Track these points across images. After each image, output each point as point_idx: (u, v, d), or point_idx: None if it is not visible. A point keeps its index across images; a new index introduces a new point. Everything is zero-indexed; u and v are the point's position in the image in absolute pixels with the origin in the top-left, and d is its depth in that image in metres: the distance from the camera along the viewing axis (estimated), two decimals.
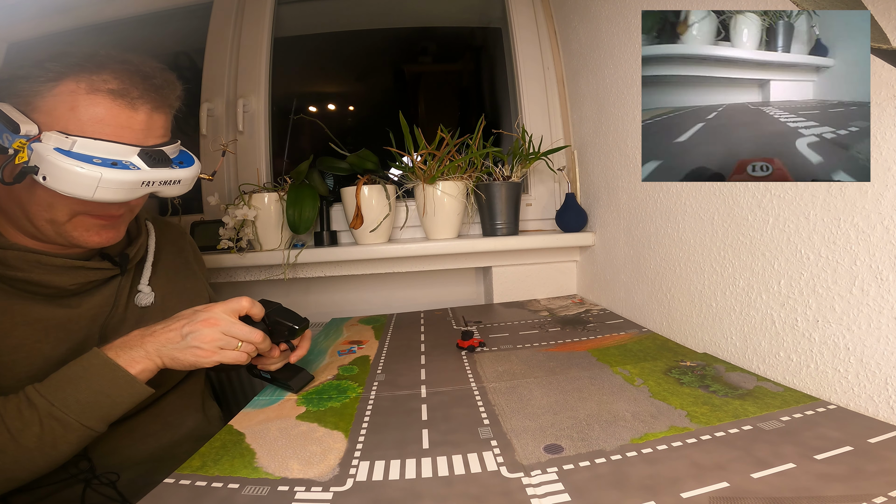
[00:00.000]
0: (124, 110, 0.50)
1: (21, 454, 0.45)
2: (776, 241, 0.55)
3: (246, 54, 1.21)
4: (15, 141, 0.45)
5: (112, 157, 0.48)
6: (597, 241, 1.05)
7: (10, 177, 0.46)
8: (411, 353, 0.76)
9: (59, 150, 0.46)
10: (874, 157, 0.43)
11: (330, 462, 0.44)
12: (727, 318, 0.64)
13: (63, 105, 0.48)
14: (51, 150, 0.45)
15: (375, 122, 1.44)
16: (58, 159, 0.45)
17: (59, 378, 0.48)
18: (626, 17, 0.83)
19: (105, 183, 0.47)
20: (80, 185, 0.46)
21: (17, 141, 0.45)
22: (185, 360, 0.52)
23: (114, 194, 0.48)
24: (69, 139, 0.46)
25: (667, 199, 0.76)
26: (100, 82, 0.49)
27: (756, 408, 0.48)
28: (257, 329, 0.56)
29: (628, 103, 0.85)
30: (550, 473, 0.39)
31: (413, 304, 1.20)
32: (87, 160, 0.46)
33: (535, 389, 0.57)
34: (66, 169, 0.45)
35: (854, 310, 0.46)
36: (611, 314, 0.92)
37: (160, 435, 0.63)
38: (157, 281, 0.67)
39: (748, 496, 0.34)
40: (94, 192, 0.47)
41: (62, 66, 0.48)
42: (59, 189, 0.46)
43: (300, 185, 1.07)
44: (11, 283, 0.53)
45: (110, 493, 0.56)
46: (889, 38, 0.31)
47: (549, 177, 1.22)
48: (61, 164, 0.45)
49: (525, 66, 1.23)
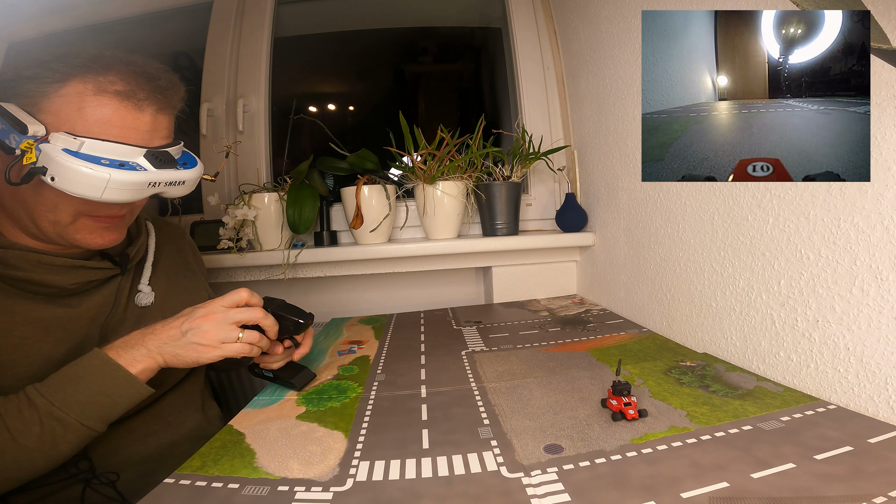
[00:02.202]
0: (131, 112, 0.50)
1: (21, 454, 0.45)
2: (776, 241, 0.55)
3: (246, 54, 1.21)
4: (23, 142, 0.45)
5: (119, 158, 0.49)
6: (597, 241, 1.05)
7: (18, 177, 0.46)
8: (411, 353, 0.76)
9: (67, 151, 0.46)
10: (874, 157, 0.43)
11: (330, 462, 0.44)
12: (727, 318, 0.64)
13: (70, 106, 0.48)
14: (59, 150, 0.45)
15: (375, 122, 1.44)
16: (66, 160, 0.45)
17: (60, 378, 0.49)
18: (626, 17, 0.83)
19: (114, 184, 0.47)
20: (88, 185, 0.46)
21: (24, 142, 0.45)
22: (186, 356, 0.52)
23: (121, 195, 0.48)
24: (77, 140, 0.47)
25: (667, 199, 0.76)
26: (107, 83, 0.49)
27: (756, 408, 0.48)
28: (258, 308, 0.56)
29: (628, 103, 0.85)
30: (550, 473, 0.39)
31: (413, 304, 1.20)
32: (95, 161, 0.47)
33: (535, 389, 0.57)
34: (75, 170, 0.45)
35: (854, 310, 0.46)
36: (611, 314, 0.92)
37: (160, 435, 0.63)
38: (157, 281, 0.67)
39: (748, 496, 0.34)
40: (102, 192, 0.47)
41: (68, 67, 0.48)
42: (67, 190, 0.46)
43: (300, 185, 1.07)
44: (12, 282, 0.53)
45: (110, 493, 0.56)
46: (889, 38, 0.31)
47: (549, 177, 1.22)
48: (70, 165, 0.45)
49: (525, 66, 1.23)
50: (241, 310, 0.55)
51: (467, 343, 0.79)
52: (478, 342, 0.79)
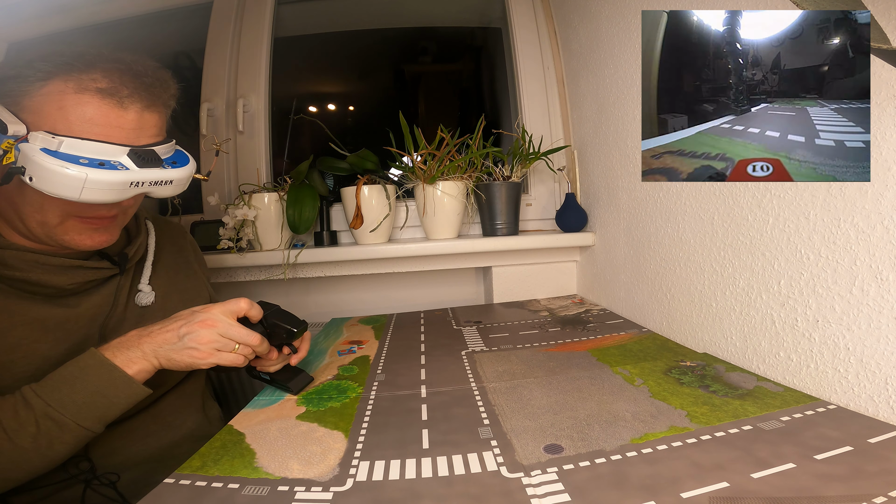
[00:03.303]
0: (113, 109, 0.49)
1: (17, 454, 0.45)
2: (776, 241, 0.55)
3: (246, 54, 1.21)
4: (3, 141, 0.44)
5: (100, 158, 0.48)
6: (597, 241, 1.05)
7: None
8: (411, 353, 0.76)
9: (45, 151, 0.45)
10: (874, 157, 0.43)
11: (330, 462, 0.44)
12: (727, 318, 0.64)
13: (51, 104, 0.47)
14: (37, 150, 0.45)
15: (375, 122, 1.44)
16: (43, 160, 0.44)
17: (56, 378, 0.48)
18: (626, 17, 0.83)
19: (91, 183, 0.46)
20: (65, 185, 0.45)
21: (4, 141, 0.44)
22: (181, 361, 0.52)
23: (101, 195, 0.47)
24: (56, 139, 0.46)
25: (667, 199, 0.76)
26: (88, 81, 0.48)
27: (756, 408, 0.48)
28: (255, 332, 0.56)
29: (628, 103, 0.85)
30: (550, 473, 0.39)
31: (413, 304, 1.20)
32: (73, 160, 0.46)
33: (535, 389, 0.57)
34: (52, 170, 0.45)
35: (854, 310, 0.46)
36: (611, 314, 0.92)
37: (160, 435, 0.63)
38: (158, 280, 0.67)
39: (748, 496, 0.34)
40: (80, 192, 0.46)
41: (51, 65, 0.48)
42: (45, 190, 0.45)
43: (300, 185, 1.07)
44: (10, 282, 0.53)
45: (110, 494, 0.56)
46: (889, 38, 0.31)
47: (549, 177, 1.22)
48: (47, 165, 0.44)
49: (525, 66, 1.23)
50: (238, 329, 0.55)
51: (467, 343, 0.79)
52: (478, 342, 0.79)
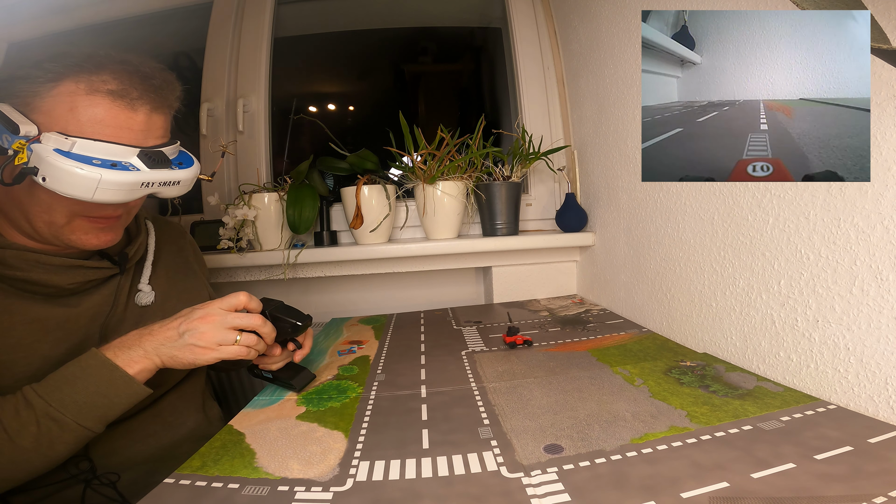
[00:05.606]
0: (123, 111, 0.50)
1: (18, 454, 0.45)
2: (776, 241, 0.55)
3: (246, 54, 1.21)
4: (14, 142, 0.45)
5: (111, 158, 0.48)
6: (597, 241, 1.05)
7: (10, 177, 0.46)
8: (411, 353, 0.76)
9: (58, 151, 0.46)
10: (874, 157, 0.43)
11: (330, 462, 0.44)
12: (727, 318, 0.64)
13: (62, 106, 0.48)
14: (50, 150, 0.45)
15: (375, 122, 1.44)
16: (57, 160, 0.45)
17: (57, 378, 0.48)
18: (626, 17, 0.83)
19: (105, 184, 0.47)
20: (79, 186, 0.46)
21: (16, 142, 0.45)
22: (183, 358, 0.52)
23: (113, 195, 0.48)
24: (69, 140, 0.46)
25: (667, 199, 0.76)
26: (99, 83, 0.49)
27: (756, 408, 0.48)
28: (256, 314, 0.56)
29: (628, 103, 0.85)
30: (550, 473, 0.39)
31: (413, 304, 1.20)
32: (86, 161, 0.46)
33: (535, 389, 0.57)
34: (66, 170, 0.45)
35: (854, 310, 0.46)
36: (611, 314, 0.92)
37: (160, 435, 0.63)
38: (157, 280, 0.67)
39: (748, 496, 0.34)
40: (93, 193, 0.47)
41: (61, 66, 0.48)
42: (58, 190, 0.46)
43: (300, 185, 1.07)
44: (11, 282, 0.53)
45: (111, 494, 0.56)
46: (889, 38, 0.31)
47: (549, 177, 1.22)
48: (61, 165, 0.45)
49: (525, 66, 1.23)
50: (239, 315, 0.55)
51: (467, 343, 0.79)
52: (478, 342, 0.79)
